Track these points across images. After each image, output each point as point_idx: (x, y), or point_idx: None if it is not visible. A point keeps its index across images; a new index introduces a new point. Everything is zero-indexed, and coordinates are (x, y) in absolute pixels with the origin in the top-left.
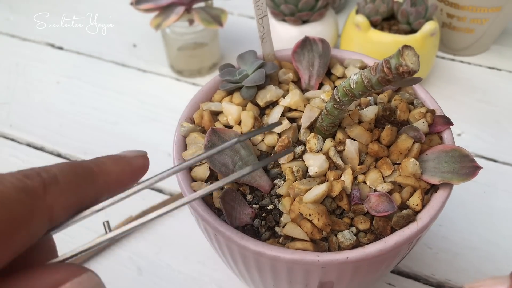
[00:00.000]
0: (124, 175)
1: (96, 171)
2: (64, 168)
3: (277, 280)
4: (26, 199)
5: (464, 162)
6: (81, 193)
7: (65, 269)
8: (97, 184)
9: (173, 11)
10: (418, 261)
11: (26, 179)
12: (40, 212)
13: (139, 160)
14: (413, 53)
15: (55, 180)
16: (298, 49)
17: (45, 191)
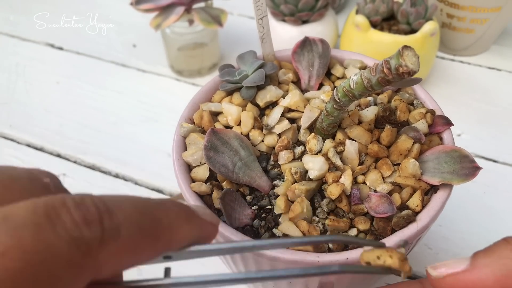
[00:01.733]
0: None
1: (165, 225)
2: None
3: (277, 280)
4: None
5: (464, 162)
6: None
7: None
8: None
9: (173, 11)
10: (418, 262)
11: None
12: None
13: (210, 228)
14: (413, 53)
15: (116, 235)
16: (298, 50)
17: (100, 248)
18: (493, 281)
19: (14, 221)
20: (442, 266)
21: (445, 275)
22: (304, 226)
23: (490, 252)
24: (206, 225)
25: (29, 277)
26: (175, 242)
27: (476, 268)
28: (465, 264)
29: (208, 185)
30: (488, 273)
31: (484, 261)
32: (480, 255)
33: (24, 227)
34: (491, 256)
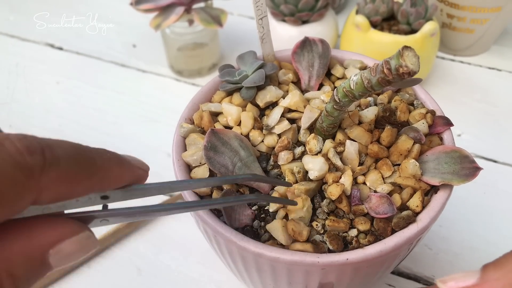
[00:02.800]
0: (121, 180)
1: (99, 165)
2: (69, 152)
3: (277, 281)
4: (20, 179)
5: (464, 163)
6: (75, 184)
7: (65, 225)
8: (93, 179)
9: (173, 11)
10: (418, 262)
11: (27, 154)
12: (28, 193)
13: (140, 171)
14: (413, 54)
15: (56, 163)
16: (298, 50)
17: (41, 173)
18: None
19: None
20: (452, 280)
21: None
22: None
23: (500, 265)
24: (136, 169)
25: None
26: (108, 181)
27: (487, 283)
28: (475, 278)
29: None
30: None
31: (494, 274)
32: (490, 268)
33: None
34: (501, 269)
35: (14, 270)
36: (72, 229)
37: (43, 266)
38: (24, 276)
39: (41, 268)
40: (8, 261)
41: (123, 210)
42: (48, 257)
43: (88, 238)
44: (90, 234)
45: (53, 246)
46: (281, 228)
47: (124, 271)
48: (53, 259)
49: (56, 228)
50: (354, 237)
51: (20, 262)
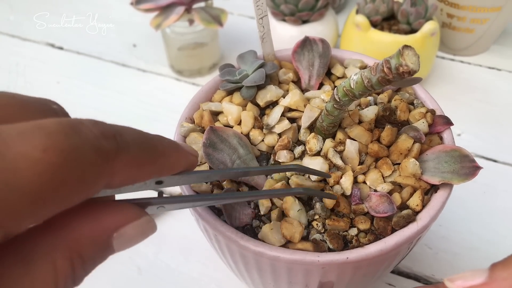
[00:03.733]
0: (177, 166)
1: (160, 151)
2: (136, 138)
3: (277, 280)
4: (99, 162)
5: (464, 162)
6: (141, 169)
7: (128, 210)
8: (156, 164)
9: (173, 11)
10: (418, 262)
11: (103, 139)
12: (104, 177)
13: (192, 158)
14: (413, 53)
15: (126, 148)
16: (298, 49)
17: (115, 158)
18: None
19: (47, 129)
20: (460, 278)
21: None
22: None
23: (508, 264)
24: (189, 155)
25: (65, 170)
26: (168, 166)
27: (495, 282)
28: (483, 277)
29: (208, 184)
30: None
31: (502, 274)
32: (499, 267)
33: (57, 133)
34: (510, 268)
35: (83, 252)
36: (134, 214)
37: (108, 249)
38: (91, 258)
39: (106, 251)
40: (78, 243)
41: (179, 198)
42: (112, 241)
43: (148, 223)
44: (150, 219)
45: (117, 230)
46: (269, 233)
47: (125, 270)
48: (116, 242)
49: (120, 212)
50: (354, 236)
51: (88, 244)
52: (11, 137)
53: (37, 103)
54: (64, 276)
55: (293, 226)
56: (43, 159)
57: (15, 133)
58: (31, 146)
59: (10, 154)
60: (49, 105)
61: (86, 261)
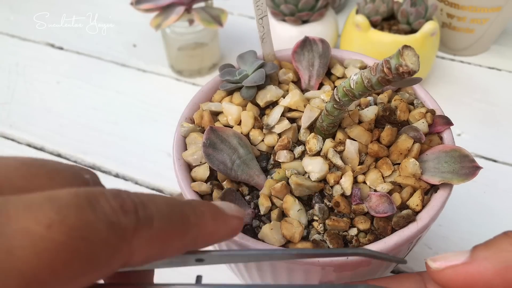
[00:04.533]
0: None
1: (192, 222)
2: (162, 209)
3: (277, 280)
4: (113, 241)
5: (464, 162)
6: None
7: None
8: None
9: (173, 11)
10: (418, 261)
11: (121, 214)
12: (120, 257)
13: (235, 221)
14: (413, 53)
15: (149, 224)
16: (298, 49)
17: (134, 235)
18: (493, 273)
19: (58, 201)
20: (442, 259)
21: (444, 267)
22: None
23: (490, 245)
24: (233, 219)
25: (71, 250)
26: (202, 238)
27: (476, 261)
28: (464, 257)
29: (209, 184)
30: (487, 265)
31: (483, 254)
32: (480, 248)
33: (67, 206)
34: (491, 249)
35: None
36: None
37: None
38: None
39: None
40: None
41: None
42: None
43: None
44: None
45: None
46: (269, 233)
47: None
48: None
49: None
50: (354, 236)
51: None
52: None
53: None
54: None
55: (293, 226)
56: (45, 237)
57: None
58: (35, 221)
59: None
60: (81, 175)
61: None
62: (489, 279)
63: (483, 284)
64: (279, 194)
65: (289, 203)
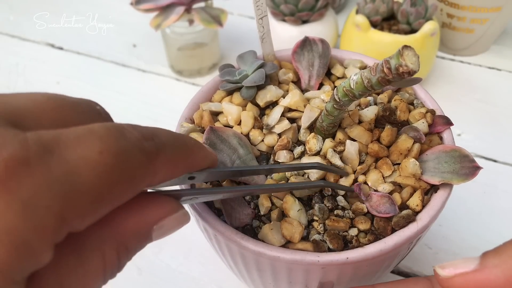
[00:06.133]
0: (204, 163)
1: (190, 149)
2: (170, 139)
3: (277, 280)
4: (145, 162)
5: (464, 162)
6: (176, 166)
7: (167, 204)
8: (188, 161)
9: (173, 11)
10: (418, 261)
11: (145, 141)
12: (149, 175)
13: (214, 156)
14: (413, 53)
15: (164, 149)
16: (298, 49)
17: (157, 157)
18: (504, 281)
19: (99, 133)
20: (451, 266)
21: (453, 274)
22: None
23: (500, 252)
24: (212, 154)
25: (120, 169)
26: (197, 162)
27: (486, 268)
28: (474, 264)
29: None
30: (498, 273)
31: (493, 261)
32: (490, 255)
33: (107, 136)
34: (501, 256)
35: (128, 244)
36: (173, 207)
37: (148, 239)
38: (134, 248)
39: (146, 241)
40: (124, 236)
41: (210, 190)
42: (152, 232)
43: (184, 215)
44: (185, 212)
45: (158, 222)
46: (269, 233)
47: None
48: (155, 233)
49: (160, 206)
50: (354, 236)
51: (132, 237)
52: (71, 141)
53: (84, 104)
54: (111, 265)
55: (293, 226)
56: (100, 161)
57: (74, 138)
58: (89, 150)
59: (73, 157)
60: (94, 107)
61: (130, 251)
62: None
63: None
64: (279, 194)
65: (289, 203)
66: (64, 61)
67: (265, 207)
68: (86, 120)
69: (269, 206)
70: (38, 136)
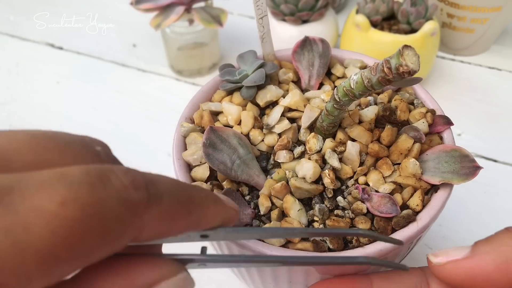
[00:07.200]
0: (216, 219)
1: (197, 202)
2: (170, 188)
3: (277, 280)
4: (125, 216)
5: (464, 162)
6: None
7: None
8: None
9: (173, 11)
10: (418, 261)
11: (132, 190)
12: (131, 231)
13: (232, 212)
14: (413, 53)
15: (158, 201)
16: (298, 49)
17: (145, 211)
18: (494, 268)
19: (70, 179)
20: (443, 254)
21: (445, 262)
22: None
23: (491, 240)
24: (229, 209)
25: (84, 226)
26: (204, 219)
27: (477, 255)
28: (465, 252)
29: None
30: (488, 260)
31: (484, 248)
32: (481, 243)
33: (79, 184)
34: (492, 243)
35: None
36: (170, 270)
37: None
38: None
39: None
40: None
41: (223, 257)
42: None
43: (185, 280)
44: (187, 276)
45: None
46: None
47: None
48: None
49: (155, 269)
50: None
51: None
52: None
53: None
54: None
55: (293, 226)
56: (60, 214)
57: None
58: (48, 199)
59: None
60: (92, 147)
61: None
62: (490, 273)
63: (484, 278)
64: (279, 194)
65: (289, 203)
66: (64, 61)
67: (265, 207)
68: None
69: (269, 206)
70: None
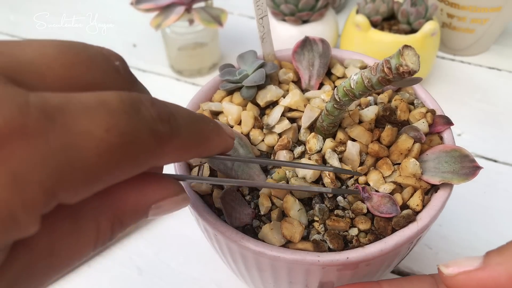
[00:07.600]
0: (217, 150)
1: (205, 135)
2: (187, 121)
3: (277, 280)
4: (152, 146)
5: (464, 162)
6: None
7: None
8: (200, 148)
9: (173, 11)
10: (418, 261)
11: (160, 122)
12: (155, 159)
13: (230, 141)
14: (413, 53)
15: (178, 134)
16: (298, 49)
17: (168, 141)
18: (506, 278)
19: (109, 106)
20: (454, 264)
21: (457, 273)
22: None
23: (503, 251)
24: (228, 139)
25: (122, 151)
26: (208, 150)
27: (489, 266)
28: (477, 262)
29: (209, 184)
30: (500, 271)
31: (497, 259)
32: (493, 253)
33: (119, 112)
34: (504, 254)
35: (124, 218)
36: (175, 190)
37: (143, 217)
38: (129, 222)
39: (141, 218)
40: (121, 210)
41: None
42: (149, 210)
43: (184, 200)
44: (186, 196)
45: (157, 203)
46: (269, 233)
47: (125, 270)
48: (152, 212)
49: (162, 188)
50: (355, 236)
51: (129, 212)
52: (77, 111)
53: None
54: (104, 236)
55: (293, 226)
56: (105, 140)
57: (81, 107)
58: (96, 125)
59: (76, 131)
60: (112, 62)
61: (124, 225)
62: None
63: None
64: (279, 194)
65: (289, 203)
66: None
67: (265, 207)
68: (100, 80)
69: (269, 206)
70: (42, 100)
